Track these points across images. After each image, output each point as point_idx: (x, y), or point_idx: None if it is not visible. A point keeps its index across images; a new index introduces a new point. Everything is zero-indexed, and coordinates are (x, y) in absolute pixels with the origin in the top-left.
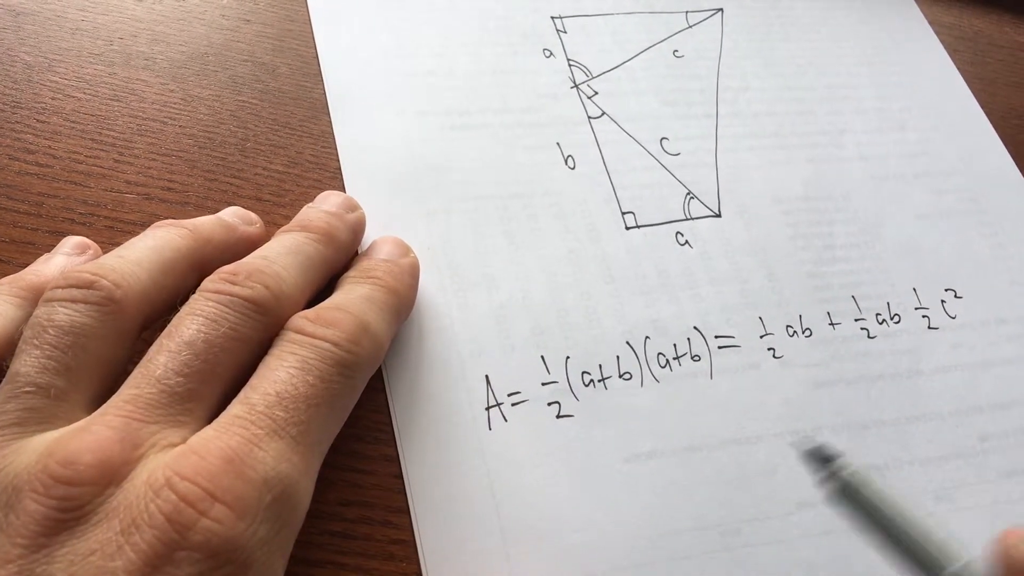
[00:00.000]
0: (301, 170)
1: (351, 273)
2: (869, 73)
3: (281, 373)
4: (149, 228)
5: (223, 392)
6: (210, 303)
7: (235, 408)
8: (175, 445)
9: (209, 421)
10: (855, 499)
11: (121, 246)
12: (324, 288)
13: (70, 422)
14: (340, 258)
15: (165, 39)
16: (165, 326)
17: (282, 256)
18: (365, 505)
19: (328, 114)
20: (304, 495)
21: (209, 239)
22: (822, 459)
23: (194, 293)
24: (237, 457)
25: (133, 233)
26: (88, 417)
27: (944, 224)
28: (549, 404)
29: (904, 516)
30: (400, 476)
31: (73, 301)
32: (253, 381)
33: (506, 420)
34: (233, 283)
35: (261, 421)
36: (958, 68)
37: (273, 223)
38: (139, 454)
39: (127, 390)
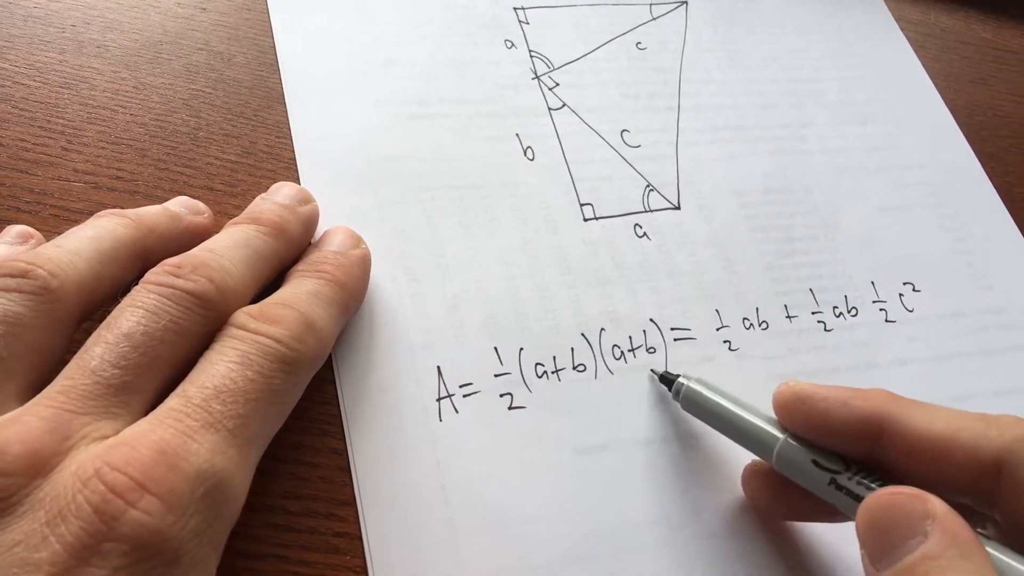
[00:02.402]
0: (255, 160)
1: (300, 266)
2: (833, 67)
3: (220, 367)
4: (92, 217)
5: (161, 385)
6: (152, 295)
7: (171, 401)
8: (107, 437)
9: (145, 414)
10: (695, 406)
11: (61, 235)
12: (273, 281)
13: (1, 412)
14: (290, 251)
15: (119, 27)
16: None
17: (230, 249)
18: (310, 498)
19: (284, 103)
20: (239, 489)
21: (153, 228)
22: (667, 380)
23: (136, 284)
24: (170, 449)
25: (79, 222)
26: (20, 408)
27: (904, 217)
28: (501, 395)
29: (733, 411)
30: (347, 469)
31: (7, 290)
32: (192, 375)
33: (457, 411)
34: (177, 275)
35: (197, 414)
36: (924, 64)
37: (224, 213)
38: (69, 445)
39: (61, 381)
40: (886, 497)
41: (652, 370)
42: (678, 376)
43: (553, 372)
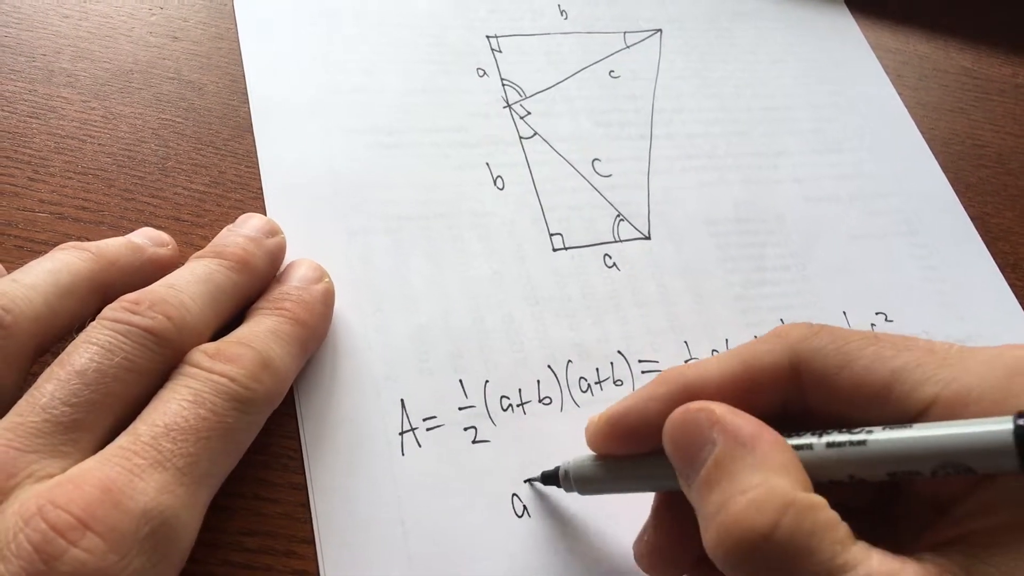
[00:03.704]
0: (223, 190)
1: (260, 303)
2: (807, 95)
3: (172, 405)
4: (52, 250)
5: (114, 423)
6: (107, 331)
7: (121, 439)
8: (53, 476)
9: (96, 453)
10: (588, 483)
11: (19, 269)
12: (237, 316)
13: None
14: (255, 286)
15: (89, 56)
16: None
17: (191, 285)
18: (269, 535)
19: (254, 133)
20: (186, 528)
21: (114, 261)
22: (551, 476)
23: (93, 319)
24: (115, 487)
25: (43, 253)
26: None
27: (877, 246)
28: (465, 429)
29: (622, 467)
30: (307, 504)
31: None
32: (144, 413)
33: (420, 445)
34: (133, 312)
35: (145, 452)
36: (901, 93)
37: (191, 244)
38: (13, 484)
39: (10, 417)
40: (678, 416)
41: (526, 480)
42: (556, 468)
43: (518, 405)
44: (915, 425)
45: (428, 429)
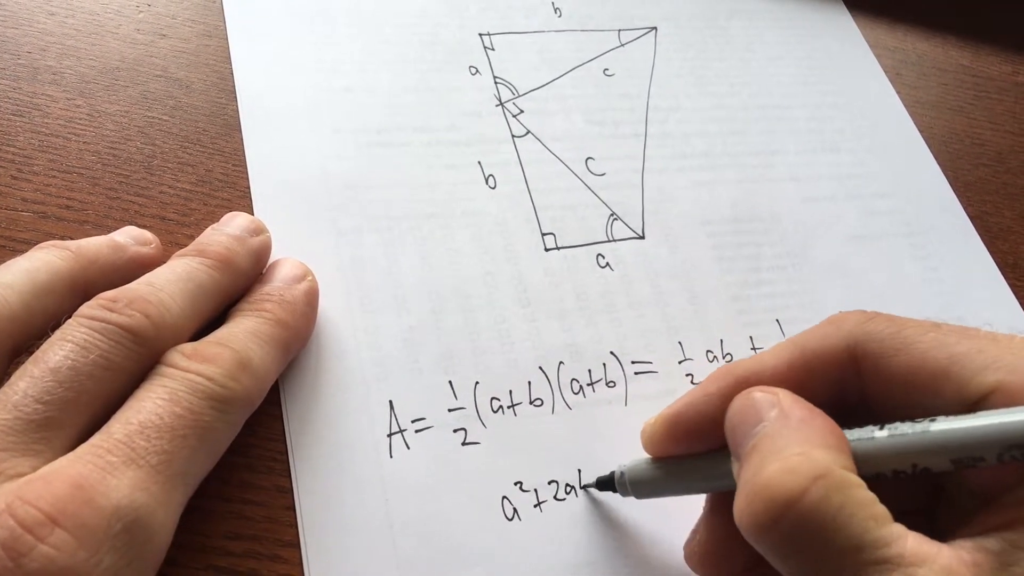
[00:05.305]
0: (210, 188)
1: (241, 304)
2: (804, 94)
3: (147, 404)
4: (32, 249)
5: (88, 422)
6: (82, 329)
7: (94, 438)
8: (24, 474)
9: (69, 452)
10: (645, 486)
11: None
12: (219, 316)
13: None
14: (238, 285)
15: (75, 53)
16: None
17: (171, 283)
18: (253, 539)
19: (241, 131)
20: (161, 526)
21: (94, 260)
22: (607, 482)
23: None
24: (87, 483)
25: (24, 253)
26: None
27: (875, 246)
28: (455, 431)
29: (680, 468)
30: (293, 508)
31: None
32: (119, 412)
33: (408, 447)
34: (111, 310)
35: (118, 449)
36: (900, 91)
37: (176, 243)
38: None
39: None
40: (741, 397)
41: (583, 486)
42: (611, 472)
43: (509, 407)
44: (979, 413)
45: (417, 431)
